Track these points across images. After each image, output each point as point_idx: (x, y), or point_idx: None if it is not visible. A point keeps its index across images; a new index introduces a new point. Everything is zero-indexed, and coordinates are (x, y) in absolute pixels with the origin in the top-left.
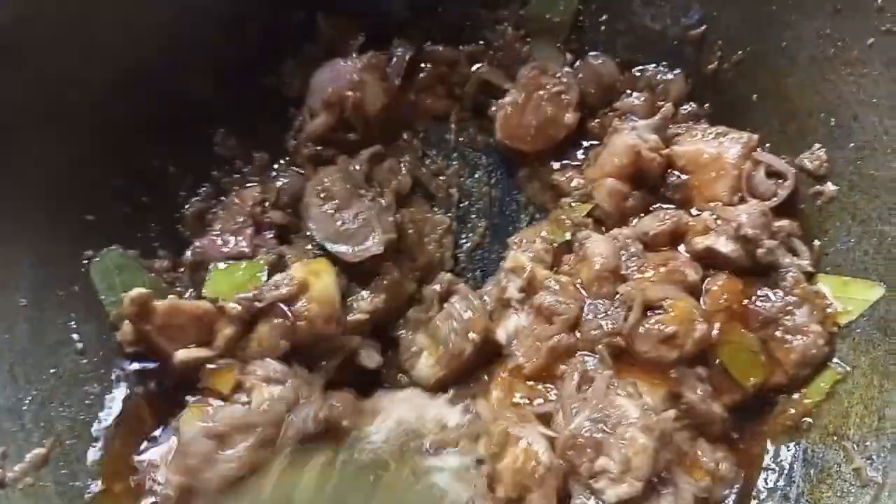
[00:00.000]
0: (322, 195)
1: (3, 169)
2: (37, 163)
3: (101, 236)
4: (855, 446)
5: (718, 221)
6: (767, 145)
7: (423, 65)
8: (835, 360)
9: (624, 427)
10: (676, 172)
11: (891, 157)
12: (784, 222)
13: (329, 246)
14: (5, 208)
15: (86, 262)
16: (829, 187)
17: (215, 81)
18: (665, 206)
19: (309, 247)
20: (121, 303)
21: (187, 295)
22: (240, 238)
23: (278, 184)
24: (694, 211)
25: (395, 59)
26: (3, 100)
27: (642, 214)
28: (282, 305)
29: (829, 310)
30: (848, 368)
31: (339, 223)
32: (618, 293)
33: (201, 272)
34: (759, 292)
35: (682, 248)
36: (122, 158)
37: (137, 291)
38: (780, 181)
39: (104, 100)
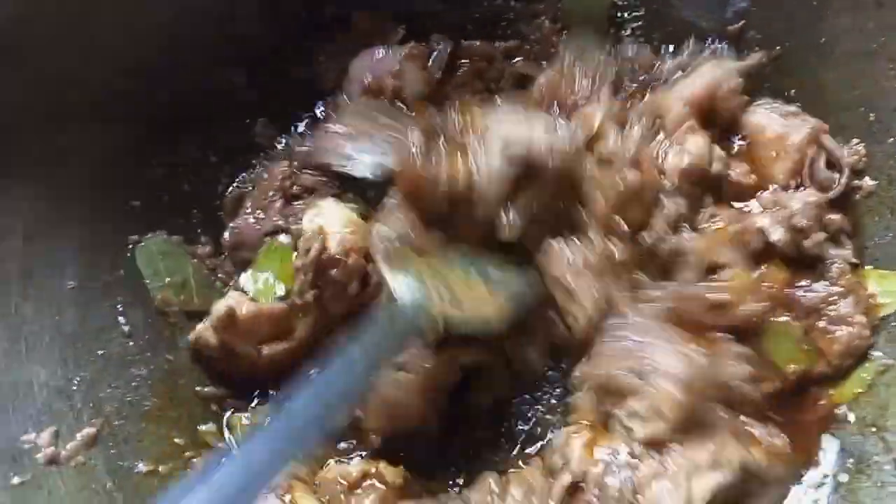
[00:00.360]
0: None
1: (45, 160)
2: (77, 154)
3: (144, 223)
4: (894, 437)
5: (776, 205)
6: None
7: (460, 60)
8: (877, 352)
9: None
10: (740, 137)
11: None
12: (836, 216)
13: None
14: (50, 197)
15: (130, 247)
16: (868, 182)
17: (249, 73)
18: None
19: None
20: (166, 287)
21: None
22: (271, 212)
23: (304, 148)
24: None
25: (436, 53)
26: (49, 90)
27: None
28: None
29: (871, 300)
30: (891, 361)
31: None
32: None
33: (242, 253)
34: (803, 282)
35: None
36: (162, 149)
37: (225, 305)
38: (837, 174)
39: (138, 93)
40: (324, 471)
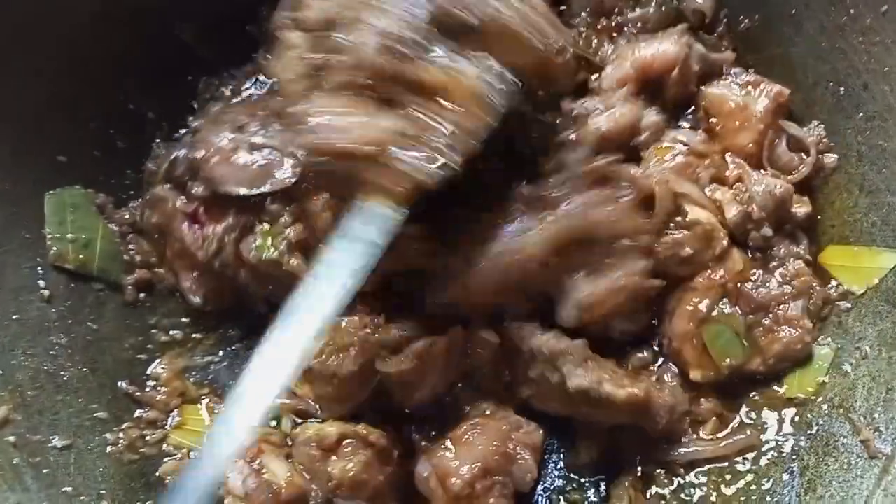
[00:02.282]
0: None
1: None
2: (5, 104)
3: (69, 178)
4: (862, 418)
5: (741, 181)
6: None
7: None
8: (845, 331)
9: None
10: (701, 104)
11: None
12: (800, 208)
13: None
14: None
15: None
16: (829, 158)
17: (197, 30)
18: None
19: None
20: (65, 242)
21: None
22: None
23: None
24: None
25: None
26: None
27: None
28: None
29: (825, 304)
30: (863, 344)
31: None
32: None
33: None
34: (753, 276)
35: None
36: (99, 100)
37: None
38: (802, 155)
39: (81, 37)
40: (298, 430)
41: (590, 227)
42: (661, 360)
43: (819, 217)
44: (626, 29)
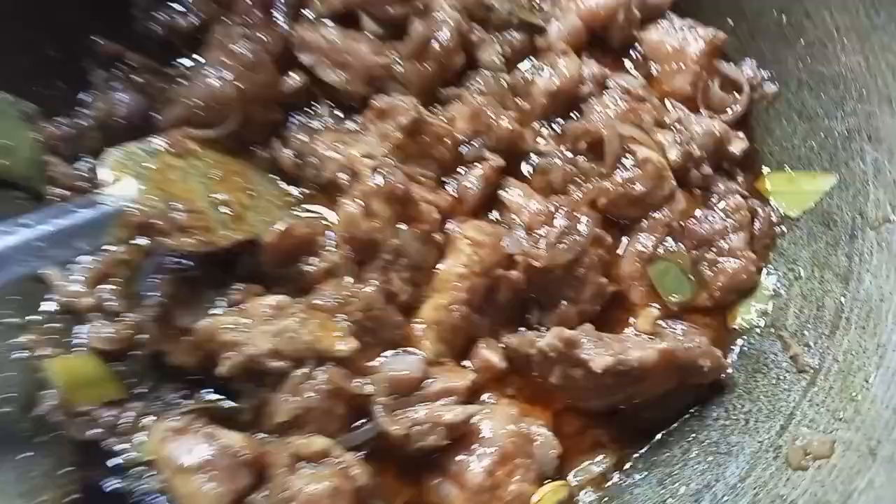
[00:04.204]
0: None
1: None
2: None
3: None
4: (792, 336)
5: (680, 123)
6: None
7: None
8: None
9: None
10: (640, 50)
11: (839, 52)
12: (738, 141)
13: None
14: None
15: None
16: (770, 87)
17: None
18: None
19: None
20: None
21: None
22: None
23: None
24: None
25: None
26: None
27: None
28: None
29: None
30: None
31: None
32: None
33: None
34: (697, 212)
35: None
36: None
37: None
38: (735, 94)
39: None
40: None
41: None
42: None
43: (758, 146)
44: None
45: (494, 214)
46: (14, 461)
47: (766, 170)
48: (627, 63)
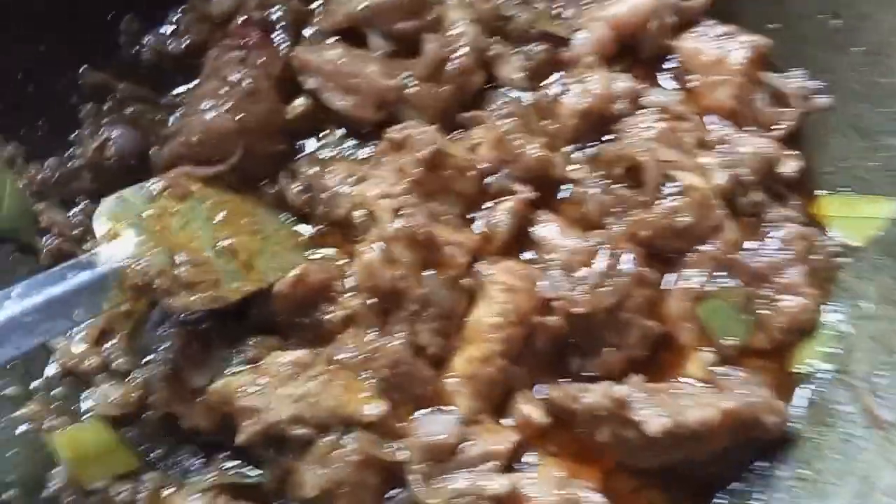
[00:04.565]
0: None
1: None
2: None
3: None
4: (862, 383)
5: (725, 143)
6: None
7: None
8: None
9: None
10: (675, 61)
11: None
12: (790, 166)
13: None
14: None
15: None
16: (821, 100)
17: None
18: None
19: None
20: None
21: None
22: None
23: None
24: None
25: None
26: None
27: None
28: None
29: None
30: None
31: None
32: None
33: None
34: (748, 244)
35: None
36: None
37: None
38: (782, 108)
39: None
40: None
41: None
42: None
43: (810, 166)
44: None
45: (526, 252)
46: None
47: (820, 192)
48: (661, 76)
